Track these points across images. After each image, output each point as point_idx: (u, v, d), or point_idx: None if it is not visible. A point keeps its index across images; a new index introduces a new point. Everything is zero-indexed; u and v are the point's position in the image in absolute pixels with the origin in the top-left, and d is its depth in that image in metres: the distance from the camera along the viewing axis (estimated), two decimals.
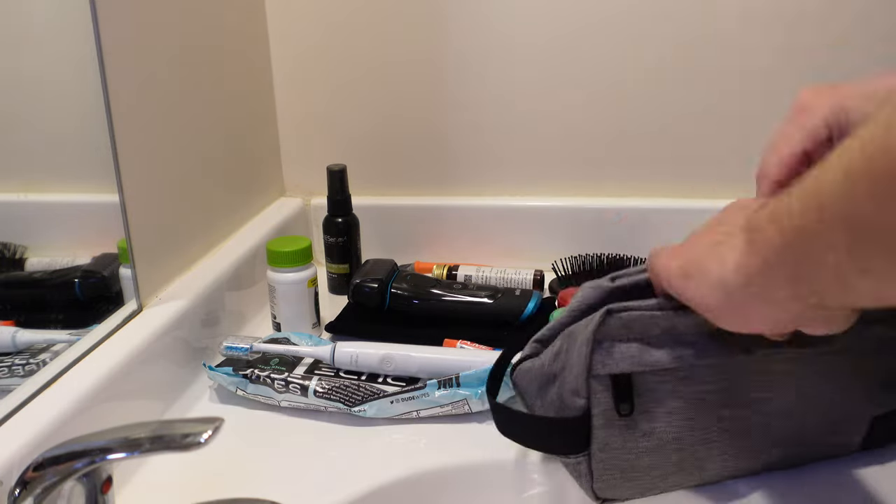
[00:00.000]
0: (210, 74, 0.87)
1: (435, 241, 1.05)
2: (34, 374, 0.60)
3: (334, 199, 0.96)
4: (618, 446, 0.57)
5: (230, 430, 0.65)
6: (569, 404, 0.56)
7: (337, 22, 0.99)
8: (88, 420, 0.59)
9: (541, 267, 0.99)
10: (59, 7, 0.64)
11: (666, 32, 0.94)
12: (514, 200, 1.03)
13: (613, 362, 0.54)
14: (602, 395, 0.55)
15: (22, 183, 0.61)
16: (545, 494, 0.64)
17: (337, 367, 0.76)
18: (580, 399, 0.55)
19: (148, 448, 0.45)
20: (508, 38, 0.97)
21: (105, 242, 0.70)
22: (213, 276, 0.82)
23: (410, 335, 0.82)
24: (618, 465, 0.57)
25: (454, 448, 0.67)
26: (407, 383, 0.73)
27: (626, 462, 0.57)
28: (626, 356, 0.54)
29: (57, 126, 0.65)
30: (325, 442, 0.68)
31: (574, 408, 0.56)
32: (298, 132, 1.05)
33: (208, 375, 0.75)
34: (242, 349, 0.76)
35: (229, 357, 0.77)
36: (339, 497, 0.61)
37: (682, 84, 0.96)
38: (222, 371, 0.74)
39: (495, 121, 1.00)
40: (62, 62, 0.65)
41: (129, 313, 0.72)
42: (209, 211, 0.88)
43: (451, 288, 0.89)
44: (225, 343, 0.77)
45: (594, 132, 0.99)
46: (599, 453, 0.57)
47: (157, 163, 0.77)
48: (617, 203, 1.00)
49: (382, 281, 0.87)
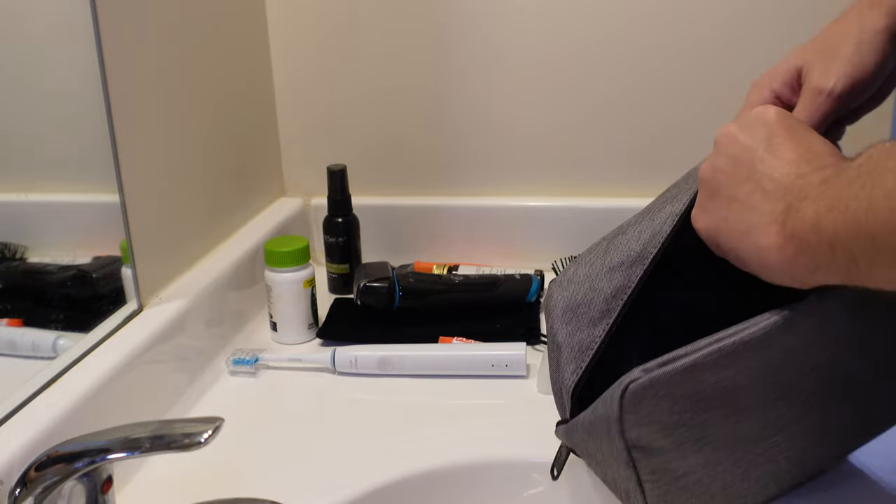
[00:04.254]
0: (210, 74, 0.87)
1: (435, 241, 1.05)
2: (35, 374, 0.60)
3: (334, 199, 0.96)
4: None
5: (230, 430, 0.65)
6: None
7: (337, 22, 0.99)
8: (88, 420, 0.58)
9: (541, 267, 0.99)
10: (59, 8, 0.64)
11: (667, 35, 0.94)
12: (514, 200, 1.02)
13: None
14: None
15: (22, 183, 0.61)
16: (545, 494, 0.64)
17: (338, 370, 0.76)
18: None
19: (148, 448, 0.45)
20: (508, 38, 0.97)
21: (105, 243, 0.70)
22: (213, 276, 0.82)
23: (416, 334, 0.83)
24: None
25: (454, 448, 0.67)
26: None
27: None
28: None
29: (57, 126, 0.65)
30: (326, 441, 0.68)
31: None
32: (298, 132, 1.05)
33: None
34: (249, 362, 0.79)
35: (237, 371, 0.79)
36: (339, 497, 0.61)
37: (682, 85, 0.96)
38: None
39: (495, 121, 1.00)
40: (63, 63, 0.65)
41: (129, 313, 0.72)
42: (209, 211, 0.88)
43: (453, 282, 0.90)
44: (232, 357, 0.79)
45: (594, 133, 0.99)
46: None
47: (157, 163, 0.77)
48: (617, 203, 1.00)
49: (390, 280, 0.87)
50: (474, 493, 0.64)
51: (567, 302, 0.56)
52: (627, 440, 0.49)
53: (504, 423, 0.70)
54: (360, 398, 0.76)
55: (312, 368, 0.80)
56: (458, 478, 0.64)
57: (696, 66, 0.95)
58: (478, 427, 0.70)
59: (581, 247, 1.00)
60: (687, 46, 0.94)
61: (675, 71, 0.95)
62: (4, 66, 0.59)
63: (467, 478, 0.65)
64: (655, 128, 0.98)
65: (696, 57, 0.95)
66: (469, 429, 0.69)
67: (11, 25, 0.60)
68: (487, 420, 0.71)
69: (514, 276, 0.92)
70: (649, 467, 0.51)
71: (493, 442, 0.67)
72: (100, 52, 0.67)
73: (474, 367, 0.78)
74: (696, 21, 0.93)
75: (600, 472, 0.55)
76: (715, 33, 0.93)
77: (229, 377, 0.79)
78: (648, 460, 0.50)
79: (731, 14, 0.93)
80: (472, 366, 0.78)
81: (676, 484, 0.51)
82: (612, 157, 1.00)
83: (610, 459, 0.52)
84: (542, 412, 0.72)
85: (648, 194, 1.00)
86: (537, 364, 0.77)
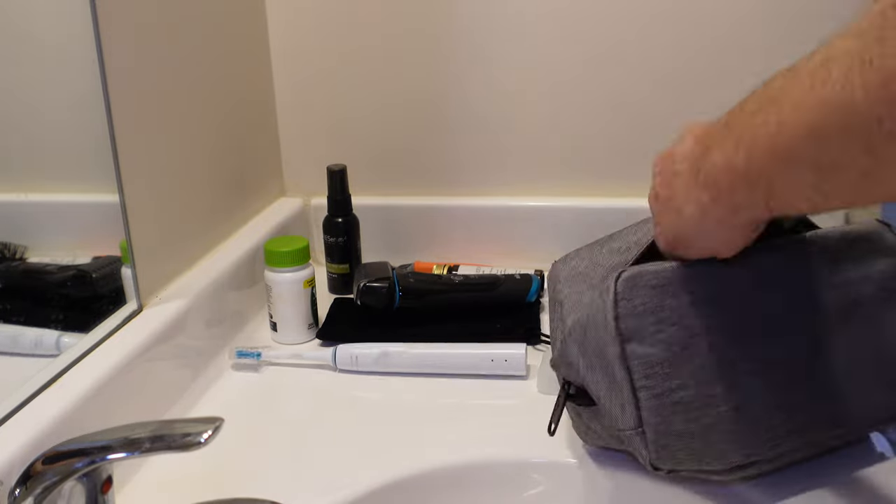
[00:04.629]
0: (210, 74, 0.87)
1: (435, 241, 1.05)
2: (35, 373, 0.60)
3: (334, 199, 0.97)
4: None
5: (230, 430, 0.65)
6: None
7: (337, 22, 0.99)
8: (89, 420, 0.58)
9: (541, 267, 0.99)
10: (59, 8, 0.64)
11: (667, 36, 0.94)
12: (514, 200, 1.03)
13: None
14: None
15: (22, 183, 0.61)
16: (545, 494, 0.64)
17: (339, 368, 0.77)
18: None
19: (148, 448, 0.45)
20: (508, 38, 0.97)
21: (105, 243, 0.70)
22: (213, 276, 0.82)
23: (416, 334, 0.83)
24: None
25: (454, 448, 0.67)
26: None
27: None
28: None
29: (57, 126, 0.65)
30: (326, 440, 0.68)
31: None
32: (298, 132, 1.05)
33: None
34: (253, 355, 0.80)
35: (240, 363, 0.80)
36: (339, 497, 0.61)
37: (682, 85, 0.96)
38: None
39: (495, 121, 1.00)
40: (63, 63, 0.65)
41: (129, 313, 0.72)
42: (209, 211, 0.88)
43: (453, 282, 0.90)
44: (236, 349, 0.80)
45: (594, 132, 0.99)
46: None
47: (157, 163, 0.77)
48: (617, 203, 1.00)
49: (390, 280, 0.87)
50: (474, 493, 0.64)
51: (570, 271, 0.64)
52: (622, 331, 0.53)
53: (504, 423, 0.70)
54: (361, 396, 0.76)
55: (313, 365, 0.81)
56: (458, 478, 0.64)
57: (696, 67, 0.95)
58: (478, 427, 0.70)
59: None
60: (688, 47, 0.94)
61: (675, 71, 0.95)
62: (4, 66, 0.59)
63: (467, 478, 0.65)
64: (655, 128, 0.98)
65: (696, 58, 0.95)
66: (469, 429, 0.69)
67: (11, 25, 0.60)
68: (487, 420, 0.71)
69: (514, 276, 0.92)
70: (643, 369, 0.53)
71: (493, 442, 0.67)
72: (100, 52, 0.67)
73: (474, 366, 0.78)
74: (696, 22, 0.93)
75: (595, 390, 0.57)
76: (715, 34, 0.93)
77: (229, 377, 0.79)
78: (642, 361, 0.53)
79: (732, 15, 0.93)
80: (473, 364, 0.78)
81: (671, 397, 0.53)
82: (612, 157, 1.00)
83: (604, 364, 0.55)
84: (542, 412, 0.71)
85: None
86: (537, 364, 0.77)
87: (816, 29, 0.91)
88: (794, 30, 0.91)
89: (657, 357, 0.53)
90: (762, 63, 0.82)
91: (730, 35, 0.93)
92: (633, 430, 0.54)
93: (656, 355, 0.53)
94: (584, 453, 0.65)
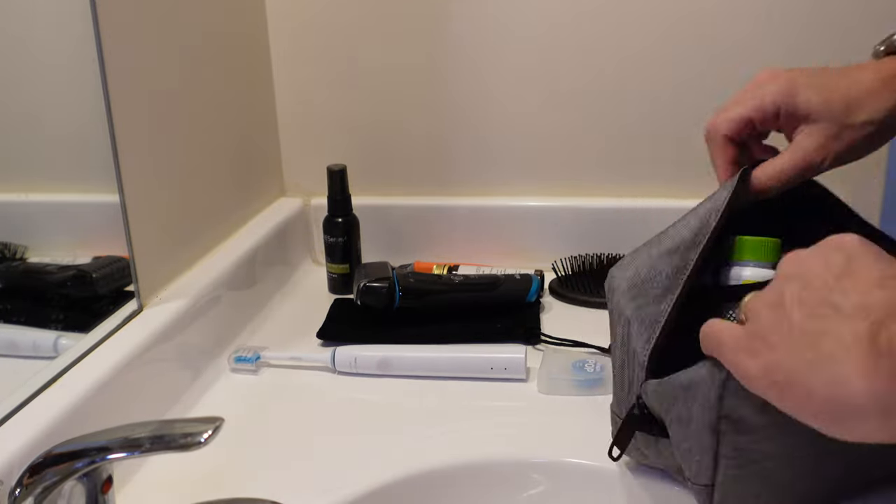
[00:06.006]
0: (210, 74, 0.87)
1: (435, 241, 1.05)
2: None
3: (334, 199, 0.97)
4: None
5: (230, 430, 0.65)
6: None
7: (337, 22, 0.99)
8: (88, 420, 0.58)
9: (541, 267, 1.00)
10: (59, 8, 0.64)
11: (668, 35, 0.94)
12: (514, 200, 1.02)
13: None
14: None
15: (22, 183, 0.61)
16: (545, 494, 0.64)
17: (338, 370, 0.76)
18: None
19: (148, 448, 0.45)
20: (507, 38, 0.97)
21: (105, 243, 0.70)
22: (213, 277, 0.82)
23: (416, 335, 0.83)
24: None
25: (454, 448, 0.67)
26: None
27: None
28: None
29: (57, 126, 0.65)
30: (326, 441, 0.68)
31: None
32: (298, 132, 1.05)
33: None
34: (251, 359, 0.79)
35: (238, 369, 0.80)
36: (339, 497, 0.61)
37: (682, 84, 0.96)
38: None
39: (495, 121, 1.00)
40: (63, 63, 0.65)
41: (129, 313, 0.72)
42: (209, 211, 0.88)
43: (453, 282, 0.90)
44: (234, 355, 0.80)
45: (594, 132, 0.99)
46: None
47: (157, 163, 0.77)
48: (617, 203, 1.00)
49: (390, 280, 0.87)
50: (474, 493, 0.64)
51: (630, 280, 0.59)
52: (722, 408, 0.50)
53: (504, 424, 0.70)
54: (360, 398, 0.76)
55: (312, 368, 0.81)
56: (458, 478, 0.64)
57: (696, 68, 0.95)
58: (478, 427, 0.70)
59: (581, 247, 1.00)
60: (687, 49, 0.94)
61: (675, 72, 0.95)
62: (4, 67, 0.59)
63: (467, 478, 0.65)
64: (655, 128, 0.98)
65: (696, 59, 0.95)
66: (469, 429, 0.69)
67: (11, 25, 0.60)
68: (487, 420, 0.71)
69: (514, 276, 0.92)
70: (732, 444, 0.51)
71: (493, 442, 0.67)
72: (100, 52, 0.67)
73: (474, 370, 0.78)
74: (696, 24, 0.93)
75: (677, 435, 0.55)
76: (715, 36, 0.93)
77: (229, 377, 0.79)
78: (734, 437, 0.51)
79: (731, 18, 0.93)
80: (472, 369, 0.78)
81: (752, 468, 0.52)
82: (611, 158, 1.00)
83: (694, 425, 0.52)
84: (542, 412, 0.72)
85: (648, 195, 1.01)
86: (537, 366, 0.77)
87: (817, 28, 0.91)
88: (796, 30, 0.91)
89: (750, 437, 0.51)
90: (763, 65, 0.81)
91: (731, 38, 0.93)
92: (702, 486, 0.54)
93: (750, 434, 0.51)
94: (584, 454, 0.64)
